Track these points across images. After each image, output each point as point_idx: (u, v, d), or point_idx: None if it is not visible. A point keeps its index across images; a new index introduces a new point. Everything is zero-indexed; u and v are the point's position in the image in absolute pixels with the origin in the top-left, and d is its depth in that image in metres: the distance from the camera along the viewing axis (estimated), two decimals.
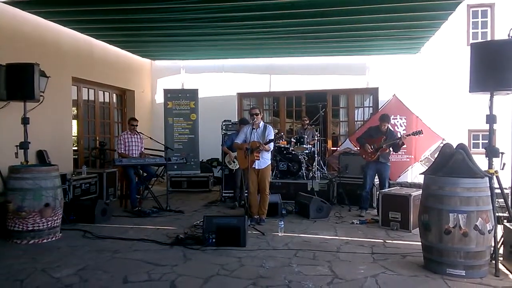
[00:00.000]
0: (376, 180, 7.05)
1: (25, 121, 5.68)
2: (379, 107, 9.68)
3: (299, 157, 8.24)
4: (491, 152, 4.26)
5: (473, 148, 9.12)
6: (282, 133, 6.67)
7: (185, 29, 7.66)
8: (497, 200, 4.29)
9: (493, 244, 4.01)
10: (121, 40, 8.91)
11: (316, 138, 8.77)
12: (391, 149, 6.68)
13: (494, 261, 4.00)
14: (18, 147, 5.64)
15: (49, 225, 5.12)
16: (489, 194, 3.98)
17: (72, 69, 8.05)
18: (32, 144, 5.84)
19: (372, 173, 6.71)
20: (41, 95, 5.86)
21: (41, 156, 7.01)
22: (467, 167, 4.00)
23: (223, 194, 8.11)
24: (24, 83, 5.55)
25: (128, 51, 9.87)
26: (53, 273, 3.96)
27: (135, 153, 7.46)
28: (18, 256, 4.50)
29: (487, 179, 4.00)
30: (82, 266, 4.16)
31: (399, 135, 6.71)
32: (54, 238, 5.19)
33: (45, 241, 5.08)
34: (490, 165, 4.26)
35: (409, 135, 6.77)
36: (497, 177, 4.24)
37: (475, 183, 3.91)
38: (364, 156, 6.80)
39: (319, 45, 8.84)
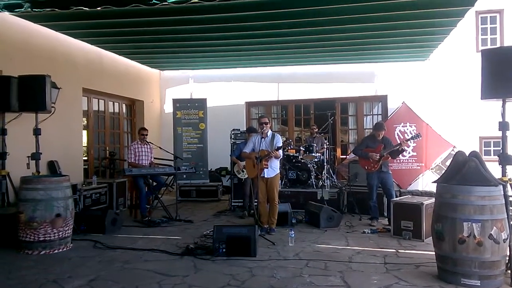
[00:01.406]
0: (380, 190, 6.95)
1: (36, 132, 5.75)
2: (388, 115, 9.63)
3: (308, 165, 8.21)
4: (505, 159, 4.20)
5: (484, 155, 9.01)
6: (290, 140, 6.66)
7: (192, 40, 7.74)
8: (511, 208, 4.22)
9: (508, 254, 3.94)
10: (130, 51, 9.02)
11: (325, 147, 8.74)
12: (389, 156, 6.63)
13: (509, 271, 3.92)
14: (29, 157, 5.69)
15: (60, 236, 5.14)
16: (503, 202, 3.92)
17: (82, 80, 8.15)
18: (43, 155, 5.90)
19: (376, 183, 6.65)
20: (52, 106, 5.93)
21: (52, 167, 7.07)
22: (481, 175, 3.95)
23: (232, 203, 8.09)
24: (36, 95, 5.62)
25: (137, 61, 9.98)
26: (65, 284, 3.96)
27: (145, 163, 7.50)
28: (30, 267, 4.51)
29: (501, 187, 3.94)
30: (93, 277, 4.16)
31: (398, 141, 6.64)
32: (65, 249, 5.21)
33: (56, 251, 5.09)
34: (504, 173, 4.20)
35: (408, 140, 6.71)
36: (511, 185, 4.18)
37: (489, 191, 3.85)
38: (366, 167, 6.70)
39: (327, 53, 8.86)
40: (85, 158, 8.72)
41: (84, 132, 8.62)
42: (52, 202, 5.08)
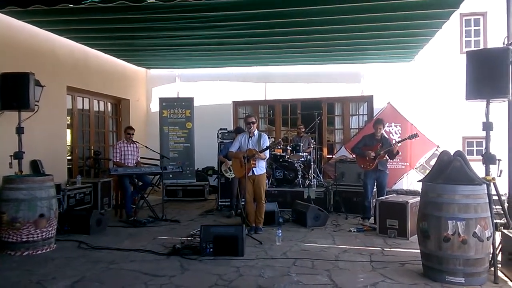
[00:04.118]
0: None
1: (19, 130, 5.62)
2: (374, 115, 9.72)
3: (295, 165, 8.23)
4: (488, 159, 4.28)
5: (467, 155, 9.13)
6: (280, 140, 6.67)
7: (180, 38, 7.68)
8: (494, 206, 4.30)
9: (491, 251, 4.01)
10: (116, 49, 8.90)
11: (312, 146, 8.78)
12: (387, 156, 6.65)
13: (493, 268, 4.00)
14: (12, 157, 5.57)
15: (43, 236, 5.04)
16: (487, 201, 3.99)
17: (67, 78, 8.01)
18: (26, 154, 5.77)
19: (372, 182, 6.66)
20: (36, 105, 5.81)
21: (35, 166, 6.94)
22: (465, 174, 4.01)
23: (219, 203, 8.06)
24: (19, 93, 5.49)
25: (123, 60, 9.86)
26: (49, 285, 3.89)
27: (131, 162, 7.41)
28: (13, 268, 4.42)
29: (485, 186, 4.01)
30: (78, 278, 4.09)
31: (394, 141, 6.69)
32: (49, 250, 5.11)
33: (39, 252, 5.00)
34: (487, 172, 4.28)
35: (405, 139, 6.74)
36: (495, 184, 4.26)
37: (473, 190, 3.92)
38: (362, 165, 6.72)
39: (313, 53, 8.89)
40: (69, 157, 8.58)
41: (68, 131, 8.48)
42: (35, 202, 4.98)
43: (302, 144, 8.51)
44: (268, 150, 6.14)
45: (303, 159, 8.38)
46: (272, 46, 8.29)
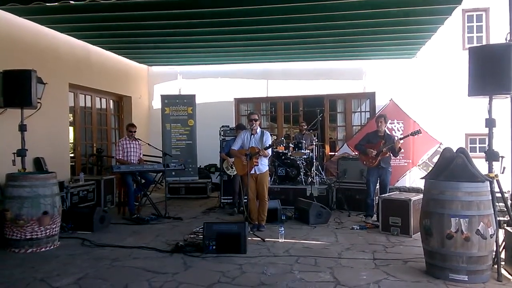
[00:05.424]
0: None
1: (22, 128, 5.64)
2: (376, 112, 9.69)
3: (298, 162, 8.22)
4: (491, 155, 4.27)
5: (470, 152, 9.11)
6: (283, 138, 6.65)
7: (181, 35, 7.68)
8: (497, 204, 4.28)
9: (494, 249, 4.01)
10: (118, 46, 8.91)
11: (314, 143, 8.77)
12: (390, 153, 6.62)
13: (496, 266, 3.99)
14: (15, 154, 5.59)
15: (47, 234, 5.06)
16: (490, 198, 3.98)
17: (69, 76, 8.01)
18: (29, 151, 5.79)
19: (374, 180, 6.63)
20: (38, 102, 5.82)
21: (38, 164, 6.95)
22: (468, 171, 4.00)
23: (222, 200, 8.07)
24: (21, 90, 5.51)
25: (125, 57, 9.86)
26: (53, 283, 3.90)
27: (134, 160, 7.42)
28: (17, 265, 4.44)
29: (487, 183, 3.99)
30: (81, 275, 4.11)
31: (396, 138, 6.67)
32: (52, 247, 5.13)
33: (43, 249, 5.02)
34: (490, 169, 4.27)
35: (408, 135, 6.73)
36: (498, 181, 4.24)
37: (476, 187, 3.91)
38: (365, 162, 6.69)
39: (315, 50, 8.88)
40: (72, 155, 8.59)
41: (71, 129, 8.49)
42: (39, 200, 5.00)
43: (304, 141, 8.51)
44: (270, 149, 6.14)
45: (305, 157, 8.37)
46: (274, 43, 8.28)
